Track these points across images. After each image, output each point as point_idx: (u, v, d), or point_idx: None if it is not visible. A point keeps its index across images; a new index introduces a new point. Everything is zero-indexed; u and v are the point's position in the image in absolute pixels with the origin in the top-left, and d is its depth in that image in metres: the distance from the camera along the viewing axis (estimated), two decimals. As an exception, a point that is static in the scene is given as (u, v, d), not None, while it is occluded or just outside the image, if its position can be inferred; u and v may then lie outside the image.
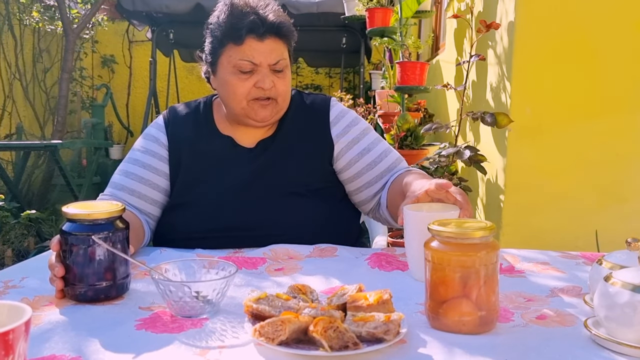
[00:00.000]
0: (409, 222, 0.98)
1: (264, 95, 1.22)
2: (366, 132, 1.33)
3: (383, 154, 1.31)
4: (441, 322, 0.75)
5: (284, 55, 1.23)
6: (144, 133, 1.34)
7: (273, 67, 1.21)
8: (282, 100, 1.25)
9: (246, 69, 1.20)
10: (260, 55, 1.19)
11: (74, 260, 0.85)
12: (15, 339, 0.51)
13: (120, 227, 0.88)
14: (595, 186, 2.11)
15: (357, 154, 1.30)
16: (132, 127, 6.97)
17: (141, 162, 1.27)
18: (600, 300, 0.70)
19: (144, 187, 1.25)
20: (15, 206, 3.04)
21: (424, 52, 4.35)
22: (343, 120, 1.32)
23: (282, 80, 1.23)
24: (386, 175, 1.30)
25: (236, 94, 1.22)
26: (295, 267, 1.05)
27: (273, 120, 1.27)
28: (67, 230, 0.85)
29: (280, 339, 0.66)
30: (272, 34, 1.20)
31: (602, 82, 2.09)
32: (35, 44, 6.01)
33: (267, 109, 1.23)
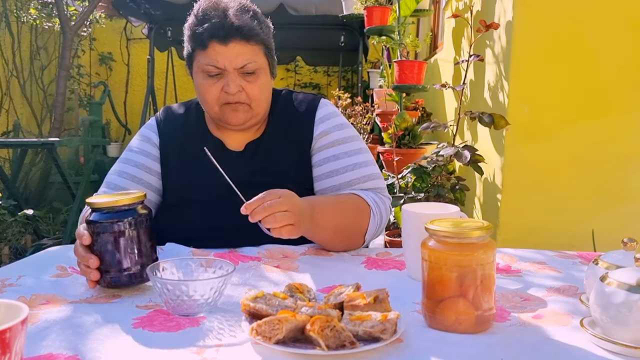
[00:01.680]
0: (407, 222, 0.99)
1: (233, 99, 1.19)
2: (346, 141, 1.27)
3: (350, 167, 1.24)
4: (438, 321, 0.75)
5: (254, 58, 1.18)
6: (137, 133, 1.35)
7: (241, 71, 1.18)
8: (256, 105, 1.22)
9: (212, 73, 1.18)
10: (224, 59, 1.16)
11: (103, 248, 0.88)
12: (12, 338, 0.51)
13: (144, 212, 0.91)
14: (592, 186, 2.12)
15: (324, 157, 1.26)
16: (130, 125, 6.96)
17: (134, 161, 1.28)
18: (596, 300, 0.70)
19: (137, 186, 1.26)
20: (12, 204, 3.03)
21: (422, 51, 4.35)
22: (329, 122, 1.29)
23: (252, 85, 1.19)
24: (344, 189, 1.23)
25: (207, 99, 1.21)
26: (291, 266, 1.05)
27: (250, 124, 1.25)
28: (94, 219, 0.88)
29: (277, 337, 0.66)
30: (236, 37, 1.16)
31: (599, 83, 2.10)
32: (33, 41, 5.99)
33: (239, 113, 1.21)
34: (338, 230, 1.13)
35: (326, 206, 1.13)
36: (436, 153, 2.06)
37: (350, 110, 3.30)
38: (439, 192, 1.98)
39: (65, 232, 3.44)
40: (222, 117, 1.23)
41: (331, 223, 1.12)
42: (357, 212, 1.18)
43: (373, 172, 1.27)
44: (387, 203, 1.27)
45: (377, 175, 1.29)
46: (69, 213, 3.74)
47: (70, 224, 3.47)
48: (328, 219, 1.11)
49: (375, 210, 1.20)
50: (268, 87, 1.25)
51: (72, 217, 3.49)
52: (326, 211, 1.11)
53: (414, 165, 2.14)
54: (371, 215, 1.19)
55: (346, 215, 1.15)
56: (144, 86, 5.99)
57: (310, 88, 7.54)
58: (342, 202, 1.17)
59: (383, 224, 1.25)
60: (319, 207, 1.10)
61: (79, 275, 0.99)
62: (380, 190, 1.27)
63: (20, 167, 4.09)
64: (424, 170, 2.04)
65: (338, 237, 1.15)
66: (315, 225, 1.08)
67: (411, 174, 2.09)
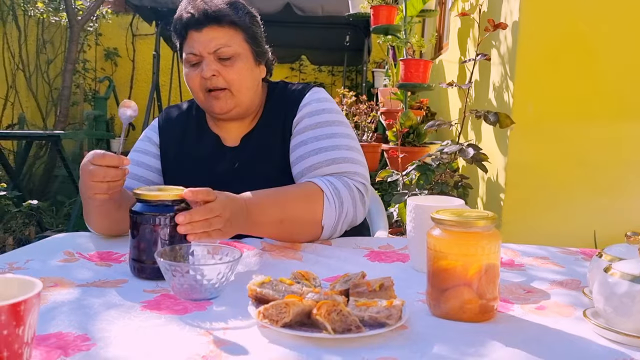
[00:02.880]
0: (412, 213, 0.99)
1: (211, 85, 1.20)
2: (319, 126, 1.23)
3: (315, 151, 1.20)
4: (442, 310, 0.76)
5: (229, 42, 1.19)
6: (142, 135, 1.39)
7: (216, 55, 1.19)
8: (237, 90, 1.21)
9: (192, 61, 1.21)
10: (199, 45, 1.19)
11: (143, 238, 0.90)
12: (27, 311, 0.52)
13: (185, 207, 0.92)
14: (595, 187, 2.12)
15: (296, 143, 1.23)
16: (134, 121, 6.96)
17: (136, 160, 1.32)
18: (599, 291, 0.71)
19: (138, 183, 1.29)
20: (16, 195, 3.04)
21: (427, 51, 4.36)
22: (309, 106, 1.26)
23: (229, 69, 1.20)
24: (307, 174, 1.19)
25: (192, 87, 1.24)
26: (294, 256, 1.06)
27: (237, 112, 1.25)
28: (139, 210, 0.90)
29: (284, 321, 0.67)
30: (210, 23, 1.19)
31: (604, 83, 2.10)
32: (39, 35, 6.01)
33: (221, 101, 1.21)
34: (284, 222, 1.08)
35: (264, 201, 1.07)
36: (440, 150, 2.07)
37: (355, 109, 3.30)
38: (443, 190, 1.99)
39: (68, 225, 3.46)
40: (207, 106, 1.25)
41: (271, 218, 1.07)
42: (305, 199, 1.11)
43: (342, 155, 1.20)
44: (353, 186, 1.17)
45: (347, 160, 1.20)
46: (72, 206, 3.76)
47: (73, 216, 3.48)
48: (266, 214, 1.06)
49: (331, 194, 1.13)
50: (250, 74, 1.24)
51: (76, 211, 3.51)
52: (263, 206, 1.06)
53: (418, 162, 2.15)
54: (325, 200, 1.12)
55: (292, 206, 1.09)
56: (149, 82, 6.02)
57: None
58: (286, 193, 1.12)
59: (347, 209, 1.15)
60: (254, 205, 1.05)
61: (86, 261, 1.00)
62: (349, 175, 1.19)
63: (25, 159, 4.11)
64: (428, 167, 2.05)
65: (286, 229, 1.10)
66: (253, 223, 1.04)
67: (415, 171, 2.10)
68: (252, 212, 1.04)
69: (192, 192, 0.91)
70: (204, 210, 0.91)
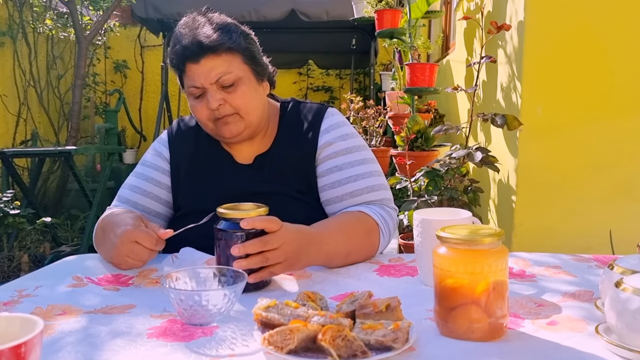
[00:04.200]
0: (418, 228, 0.98)
1: (219, 114, 1.20)
2: (350, 151, 1.26)
3: (353, 178, 1.22)
4: (450, 329, 0.74)
5: (229, 69, 1.18)
6: (151, 146, 1.38)
7: (219, 84, 1.18)
8: (246, 114, 1.21)
9: (195, 93, 1.21)
10: (199, 77, 1.18)
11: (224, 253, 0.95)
12: (28, 352, 0.52)
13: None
14: (608, 186, 2.09)
15: (328, 168, 1.25)
16: (145, 132, 7.04)
17: (144, 175, 1.32)
18: (611, 306, 0.69)
19: (147, 199, 1.29)
20: (30, 212, 3.08)
21: (433, 52, 4.34)
22: (334, 132, 1.28)
23: (233, 95, 1.19)
24: (347, 200, 1.22)
25: (199, 118, 1.24)
26: (304, 273, 1.05)
27: (247, 134, 1.25)
28: (223, 228, 0.96)
29: (289, 347, 0.66)
30: (206, 53, 1.17)
31: (613, 81, 2.07)
32: (49, 51, 6.09)
33: (231, 125, 1.21)
34: (350, 255, 1.10)
35: (336, 235, 1.09)
36: (449, 155, 2.05)
37: (363, 114, 3.29)
38: (452, 195, 1.97)
39: (83, 239, 3.49)
40: (217, 133, 1.24)
41: (342, 251, 1.09)
42: (366, 234, 1.15)
43: (377, 182, 1.25)
44: (393, 215, 1.25)
45: (382, 186, 1.26)
46: (86, 220, 3.80)
47: (87, 230, 3.51)
48: (337, 247, 1.08)
49: (384, 228, 1.19)
50: (255, 95, 1.23)
51: (90, 224, 3.54)
52: (336, 240, 1.08)
53: (426, 168, 2.13)
54: (380, 235, 1.18)
55: (357, 240, 1.12)
56: (159, 93, 6.06)
57: (323, 91, 7.55)
58: (353, 227, 1.14)
59: (391, 238, 1.24)
60: (328, 237, 1.06)
61: (94, 285, 1.01)
62: (385, 202, 1.25)
63: (39, 175, 4.16)
64: (437, 173, 2.03)
65: (349, 261, 1.11)
66: (325, 255, 1.06)
67: (424, 177, 2.08)
68: (326, 245, 1.05)
69: (248, 222, 0.93)
70: (259, 242, 0.92)
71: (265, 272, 0.94)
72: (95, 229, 1.25)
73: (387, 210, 1.24)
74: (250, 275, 0.91)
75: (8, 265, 2.82)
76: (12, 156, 3.64)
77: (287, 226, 0.97)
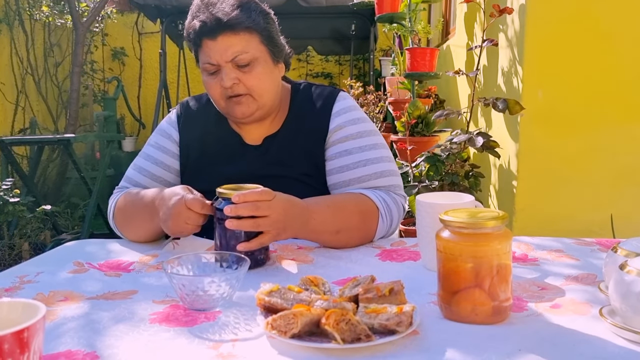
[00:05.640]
0: (421, 212, 0.98)
1: (232, 92, 1.19)
2: (360, 135, 1.24)
3: (362, 163, 1.21)
4: (454, 313, 0.74)
5: (246, 49, 1.17)
6: (157, 127, 1.36)
7: (234, 63, 1.17)
8: (258, 95, 1.20)
9: (210, 70, 1.20)
10: (215, 54, 1.17)
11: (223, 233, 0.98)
12: (31, 337, 0.52)
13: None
14: (609, 171, 2.08)
15: (337, 152, 1.23)
16: (144, 119, 7.00)
17: (153, 157, 1.31)
18: (615, 289, 0.69)
19: (154, 183, 1.29)
20: (30, 200, 3.08)
21: (434, 37, 4.30)
22: (345, 115, 1.26)
23: (248, 75, 1.18)
24: (354, 185, 1.21)
25: (212, 95, 1.24)
26: (306, 258, 1.05)
27: (258, 115, 1.24)
28: (219, 207, 0.98)
29: (293, 332, 0.66)
30: (224, 31, 1.15)
31: (617, 64, 2.05)
32: (46, 39, 6.03)
33: (242, 106, 1.20)
34: (339, 234, 1.10)
35: (324, 211, 1.09)
36: (450, 140, 2.04)
37: (363, 99, 3.27)
38: (453, 180, 1.97)
39: (83, 227, 3.49)
40: (228, 111, 1.23)
41: (329, 228, 1.09)
42: (363, 215, 1.14)
43: (387, 168, 1.23)
44: (400, 202, 1.22)
45: (391, 172, 1.24)
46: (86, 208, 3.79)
47: (88, 218, 3.51)
48: (325, 223, 1.08)
49: (385, 213, 1.17)
50: (270, 76, 1.22)
51: (90, 212, 3.54)
52: (323, 216, 1.08)
53: (427, 153, 2.12)
54: (379, 218, 1.16)
55: (349, 219, 1.11)
56: (157, 80, 6.02)
57: (322, 78, 7.51)
58: (346, 205, 1.14)
59: (394, 225, 1.21)
60: (315, 213, 1.07)
61: (96, 271, 1.00)
62: (393, 188, 1.23)
63: (38, 163, 4.15)
64: (438, 159, 2.02)
65: (340, 240, 1.11)
66: (311, 230, 1.07)
67: (425, 163, 2.07)
68: (312, 220, 1.06)
69: (239, 196, 0.95)
70: (251, 206, 0.94)
71: (254, 242, 0.96)
72: (115, 211, 1.25)
73: (393, 196, 1.21)
74: (241, 244, 0.95)
75: (9, 253, 2.82)
76: (10, 144, 3.62)
77: (280, 196, 0.99)
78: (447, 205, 0.92)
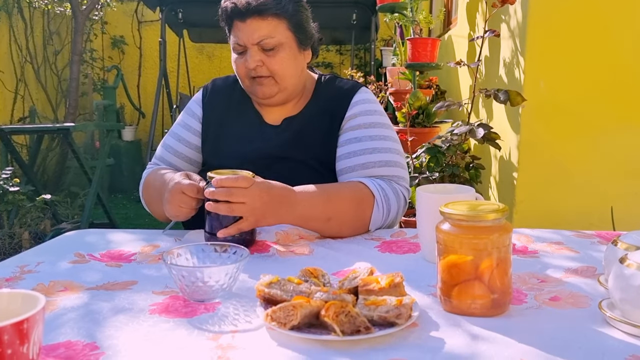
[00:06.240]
0: (421, 204, 0.98)
1: (255, 74, 1.24)
2: (373, 126, 1.26)
3: (369, 150, 1.22)
4: (453, 305, 0.74)
5: (272, 34, 1.22)
6: (187, 105, 1.42)
7: (260, 46, 1.23)
8: (280, 79, 1.25)
9: (238, 50, 1.26)
10: (244, 35, 1.22)
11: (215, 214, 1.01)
12: (30, 328, 0.52)
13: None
14: (610, 163, 2.08)
15: (348, 139, 1.25)
16: (144, 108, 6.97)
17: (177, 135, 1.37)
18: (615, 282, 0.69)
19: (178, 160, 1.36)
20: (30, 189, 3.07)
21: (435, 27, 4.27)
22: (363, 105, 1.29)
23: (272, 59, 1.23)
24: (358, 171, 1.22)
25: (238, 73, 1.29)
26: (305, 250, 1.05)
27: (280, 98, 1.28)
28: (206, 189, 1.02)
29: (292, 323, 0.66)
30: (252, 15, 1.21)
31: (619, 56, 2.04)
32: (45, 27, 6.00)
33: (264, 87, 1.25)
34: (331, 221, 1.11)
35: (314, 197, 1.10)
36: (450, 132, 2.03)
37: (363, 90, 3.26)
38: (454, 172, 1.96)
39: (83, 216, 3.49)
40: (251, 90, 1.29)
41: (319, 214, 1.10)
42: (356, 202, 1.14)
43: (393, 159, 1.23)
44: (401, 193, 1.22)
45: (397, 164, 1.24)
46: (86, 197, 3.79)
47: (88, 207, 3.51)
48: (315, 209, 1.09)
49: (381, 201, 1.16)
50: (294, 62, 1.27)
51: (90, 201, 3.53)
52: (313, 202, 1.09)
53: (428, 144, 2.12)
54: (375, 205, 1.15)
55: (342, 206, 1.12)
56: (157, 69, 6.00)
57: (323, 67, 7.47)
58: (338, 192, 1.14)
59: (393, 214, 1.20)
60: (304, 199, 1.08)
61: (96, 262, 1.00)
62: (396, 179, 1.23)
63: (37, 152, 4.14)
64: (438, 150, 2.02)
65: (332, 227, 1.12)
66: (299, 216, 1.08)
67: (425, 154, 2.07)
68: (300, 205, 1.08)
69: (217, 180, 0.99)
70: (225, 191, 0.99)
71: (233, 227, 1.01)
72: (143, 190, 1.33)
73: (394, 186, 1.21)
74: (220, 231, 1.01)
75: (9, 242, 2.82)
76: (10, 133, 3.61)
77: (258, 184, 1.02)
78: (448, 197, 0.92)
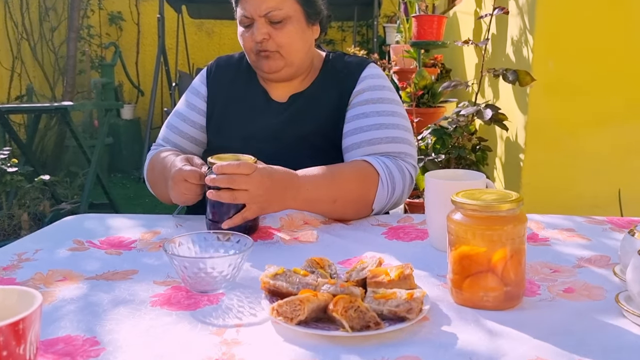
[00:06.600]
0: (430, 191, 0.95)
1: (262, 47, 1.22)
2: (381, 101, 1.23)
3: (376, 126, 1.19)
4: (465, 298, 0.72)
5: (280, 6, 1.19)
6: (191, 85, 1.39)
7: (267, 19, 1.20)
8: (287, 53, 1.23)
9: (245, 23, 1.23)
10: (250, 7, 1.20)
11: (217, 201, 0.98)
12: (26, 328, 0.50)
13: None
14: (619, 145, 2.04)
15: (355, 114, 1.23)
16: (142, 86, 6.88)
17: (182, 115, 1.34)
18: (634, 275, 0.67)
19: (183, 140, 1.33)
20: (29, 170, 3.04)
21: (439, 3, 4.18)
22: (371, 81, 1.26)
23: (279, 32, 1.21)
24: (364, 147, 1.19)
25: (244, 47, 1.27)
26: (310, 237, 1.02)
27: (286, 73, 1.26)
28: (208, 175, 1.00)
29: (299, 318, 0.64)
30: None
31: (631, 35, 1.98)
32: (41, 2, 5.88)
33: (270, 61, 1.23)
34: (337, 202, 1.09)
35: (319, 179, 1.08)
36: (457, 113, 1.99)
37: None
38: (460, 154, 1.93)
39: (83, 196, 3.46)
40: (257, 65, 1.26)
41: (325, 196, 1.08)
42: (360, 181, 1.12)
43: (401, 135, 1.20)
44: (407, 171, 1.19)
45: (405, 141, 1.21)
46: (85, 177, 3.76)
47: (87, 187, 3.48)
48: (320, 192, 1.07)
49: (386, 179, 1.13)
50: (301, 36, 1.24)
51: (89, 181, 3.50)
52: (317, 184, 1.07)
53: (434, 126, 2.08)
54: (379, 184, 1.12)
55: (345, 187, 1.10)
56: (155, 46, 5.90)
57: (325, 44, 7.36)
58: (342, 172, 1.12)
59: (398, 193, 1.16)
60: (309, 182, 1.06)
61: (96, 249, 0.98)
62: (403, 156, 1.19)
63: (35, 132, 4.09)
64: (445, 131, 1.98)
65: (337, 209, 1.10)
66: (304, 199, 1.06)
67: (431, 135, 2.03)
68: (305, 189, 1.06)
69: (217, 167, 0.96)
70: (227, 178, 0.96)
71: (237, 217, 0.98)
72: (147, 172, 1.30)
73: (400, 163, 1.17)
74: (225, 222, 0.97)
75: (8, 223, 2.80)
76: (7, 112, 3.56)
77: (260, 170, 0.98)
78: (458, 184, 0.89)
